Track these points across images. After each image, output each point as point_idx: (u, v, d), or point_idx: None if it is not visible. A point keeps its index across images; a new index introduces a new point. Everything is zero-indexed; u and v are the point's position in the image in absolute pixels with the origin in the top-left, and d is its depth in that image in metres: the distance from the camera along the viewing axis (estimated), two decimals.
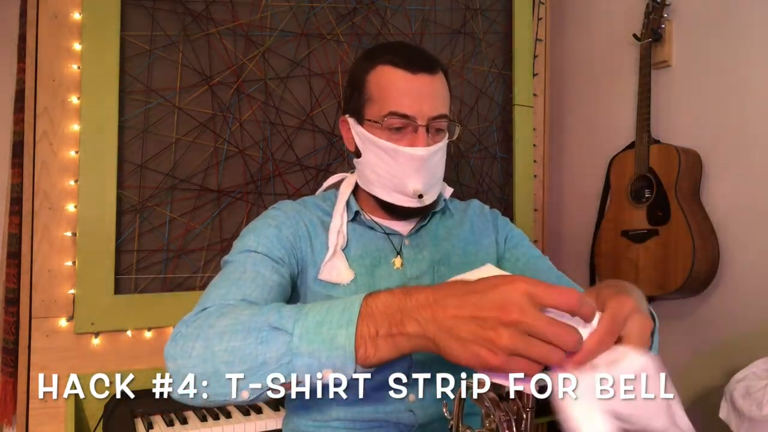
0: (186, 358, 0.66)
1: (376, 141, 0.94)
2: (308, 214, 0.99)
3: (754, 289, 1.65)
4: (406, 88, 0.92)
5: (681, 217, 1.71)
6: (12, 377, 1.50)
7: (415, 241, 1.02)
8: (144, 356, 1.56)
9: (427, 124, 0.92)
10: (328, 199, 1.04)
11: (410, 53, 0.95)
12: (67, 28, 1.51)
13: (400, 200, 0.95)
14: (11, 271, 1.52)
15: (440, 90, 0.95)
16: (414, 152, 0.92)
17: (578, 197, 2.24)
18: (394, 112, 0.91)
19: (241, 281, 0.81)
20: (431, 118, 0.92)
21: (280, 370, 0.60)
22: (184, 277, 1.62)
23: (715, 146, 1.76)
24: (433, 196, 0.98)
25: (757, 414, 1.24)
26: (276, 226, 0.95)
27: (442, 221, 1.07)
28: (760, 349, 1.49)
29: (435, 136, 0.94)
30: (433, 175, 0.96)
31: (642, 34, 1.87)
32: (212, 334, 0.65)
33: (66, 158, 1.51)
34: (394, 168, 0.93)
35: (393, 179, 0.94)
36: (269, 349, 0.61)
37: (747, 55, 1.69)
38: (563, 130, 2.32)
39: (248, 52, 1.70)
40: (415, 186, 0.93)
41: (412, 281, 0.98)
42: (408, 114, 0.91)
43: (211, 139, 1.66)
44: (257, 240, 0.92)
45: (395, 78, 0.92)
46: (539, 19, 2.17)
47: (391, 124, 0.92)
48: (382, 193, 0.97)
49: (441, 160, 0.97)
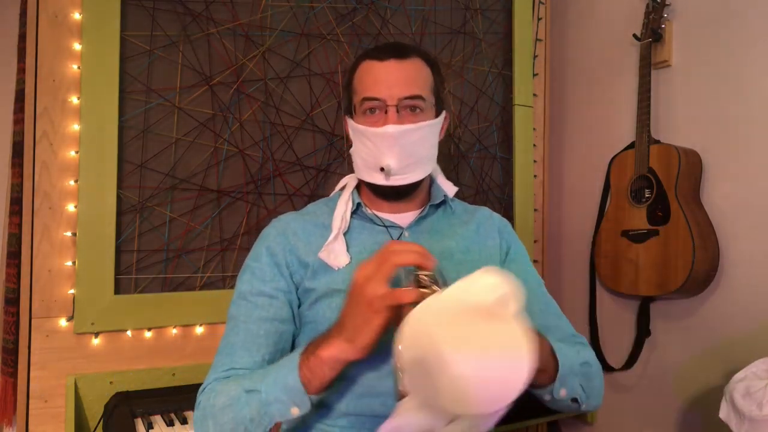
0: None
1: (356, 127, 1.01)
2: (301, 222, 1.05)
3: (754, 289, 1.65)
4: (376, 74, 0.99)
5: (681, 217, 1.71)
6: (12, 377, 1.50)
7: (414, 234, 1.04)
8: (144, 356, 1.56)
9: (397, 104, 0.97)
10: (333, 201, 1.09)
11: (384, 45, 1.04)
12: (67, 28, 1.51)
13: (374, 178, 1.00)
14: (11, 271, 1.52)
15: (412, 72, 0.99)
16: (384, 131, 0.97)
17: (578, 197, 2.24)
18: (366, 97, 0.99)
19: (233, 348, 0.96)
20: (401, 98, 0.97)
21: (264, 420, 0.83)
22: (184, 277, 1.62)
23: (715, 146, 1.76)
24: (411, 177, 1.00)
25: (757, 414, 1.24)
26: (267, 247, 1.02)
27: (444, 217, 1.09)
28: (760, 349, 1.49)
29: (411, 115, 0.98)
30: (410, 154, 0.98)
31: (642, 34, 1.87)
32: (216, 412, 0.87)
33: (66, 158, 1.51)
34: (371, 149, 0.99)
35: (371, 159, 0.99)
36: (251, 408, 0.84)
37: (747, 55, 1.69)
38: (563, 130, 2.32)
39: (248, 52, 1.70)
40: (385, 162, 0.97)
41: (411, 274, 0.99)
42: (377, 96, 0.97)
43: (211, 139, 1.66)
44: (251, 280, 1.00)
45: (368, 68, 1.00)
46: (539, 19, 2.17)
47: (365, 108, 0.99)
48: (365, 175, 1.02)
49: (421, 140, 1.00)
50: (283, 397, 0.82)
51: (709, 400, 1.73)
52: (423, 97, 0.99)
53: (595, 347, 2.09)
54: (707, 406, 1.74)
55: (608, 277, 1.95)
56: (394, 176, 0.99)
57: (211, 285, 1.65)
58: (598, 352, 2.08)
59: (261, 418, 0.83)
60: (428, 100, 1.01)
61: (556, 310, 1.07)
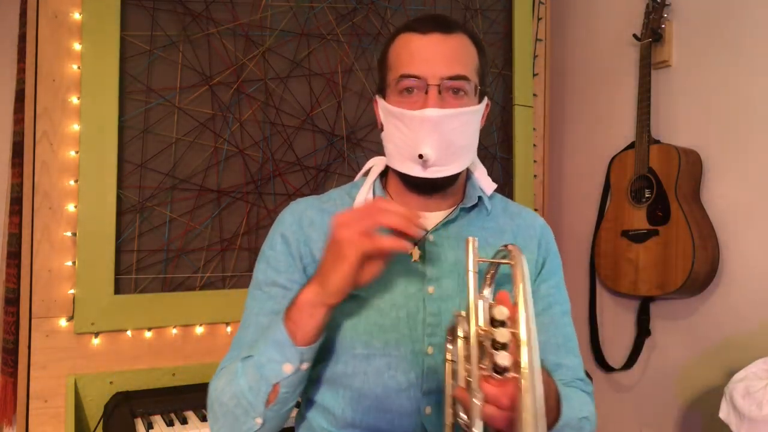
0: (215, 422, 0.86)
1: (391, 109, 0.89)
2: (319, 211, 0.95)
3: (754, 289, 1.65)
4: (417, 49, 0.88)
5: (681, 217, 1.71)
6: (12, 377, 1.50)
7: (439, 239, 0.92)
8: (144, 356, 1.56)
9: (439, 85, 0.86)
10: (356, 187, 0.99)
11: (427, 17, 0.91)
12: (67, 28, 1.51)
13: (409, 168, 0.89)
14: (11, 271, 1.52)
15: (457, 49, 0.88)
16: (423, 114, 0.85)
17: (578, 197, 2.24)
18: (404, 74, 0.87)
19: (242, 342, 0.90)
20: (445, 77, 0.86)
21: (261, 386, 0.80)
22: (184, 277, 1.62)
23: (715, 146, 1.76)
24: (450, 169, 0.89)
25: (757, 414, 1.25)
26: (282, 235, 0.94)
27: (477, 221, 0.96)
28: (760, 349, 1.50)
29: (453, 98, 0.87)
30: (450, 143, 0.87)
31: (642, 34, 1.87)
32: (218, 394, 0.85)
33: (66, 158, 1.51)
34: (407, 135, 0.88)
35: (406, 147, 0.88)
36: (248, 376, 0.81)
37: (747, 55, 1.69)
38: (563, 130, 2.32)
39: (248, 52, 1.70)
40: (423, 150, 0.86)
41: (432, 283, 0.90)
42: (417, 74, 0.86)
43: (211, 139, 1.66)
44: (266, 270, 0.93)
45: (408, 41, 0.89)
46: (539, 19, 2.17)
47: (402, 87, 0.88)
48: (397, 163, 0.91)
49: (463, 127, 0.89)
50: (275, 355, 0.79)
51: (709, 400, 1.73)
52: (468, 78, 0.88)
53: (595, 347, 2.09)
54: (707, 406, 1.74)
55: (608, 277, 1.95)
56: (431, 167, 0.88)
57: (211, 285, 1.65)
58: (598, 352, 2.08)
59: (258, 384, 0.80)
60: (473, 82, 0.89)
61: (573, 347, 0.96)
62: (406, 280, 0.90)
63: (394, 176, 0.95)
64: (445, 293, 0.89)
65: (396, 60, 0.90)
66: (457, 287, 0.90)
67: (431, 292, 0.89)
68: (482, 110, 0.93)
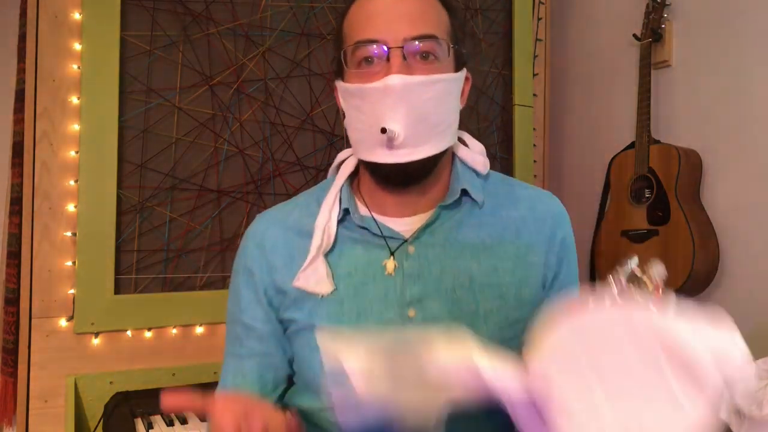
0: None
1: (348, 88, 0.75)
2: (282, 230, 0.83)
3: (754, 290, 1.65)
4: (373, 10, 0.73)
5: (681, 217, 1.71)
6: (12, 377, 1.50)
7: (421, 249, 0.77)
8: (144, 356, 1.56)
9: (402, 47, 0.71)
10: (327, 187, 0.84)
11: None
12: (67, 28, 1.51)
13: (375, 155, 0.74)
14: (11, 271, 1.52)
15: (421, 6, 0.74)
16: (384, 83, 0.70)
17: (578, 197, 2.24)
18: (359, 40, 0.73)
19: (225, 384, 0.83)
20: (408, 38, 0.71)
21: None
22: (184, 277, 1.62)
23: (715, 146, 1.76)
24: (423, 151, 0.73)
25: (757, 414, 1.24)
26: (245, 266, 0.83)
27: (470, 218, 0.79)
28: (760, 349, 1.49)
29: (422, 64, 0.73)
30: (420, 117, 0.71)
31: (642, 34, 1.87)
32: None
33: (66, 158, 1.51)
34: (368, 115, 0.73)
35: (369, 129, 0.73)
36: None
37: (747, 55, 1.69)
38: (563, 130, 2.32)
39: (248, 52, 1.70)
40: (392, 126, 0.70)
41: (413, 305, 0.75)
42: (374, 37, 0.72)
43: (211, 139, 1.66)
44: (230, 303, 0.85)
45: (361, 5, 0.75)
46: (539, 19, 2.17)
47: (359, 58, 0.73)
48: (363, 152, 0.76)
49: (437, 99, 0.73)
50: None
51: None
52: (437, 38, 0.73)
53: None
54: None
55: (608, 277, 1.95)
56: (399, 149, 0.71)
57: (211, 285, 1.65)
58: None
59: None
60: (444, 43, 0.74)
61: None
62: (382, 303, 0.75)
63: (365, 172, 0.81)
64: (430, 315, 0.75)
65: (349, 28, 0.76)
66: (445, 308, 0.75)
67: (412, 316, 0.75)
68: (461, 81, 0.78)
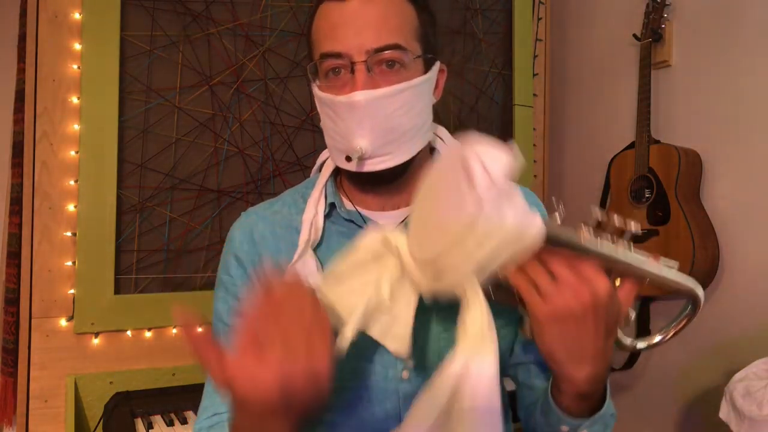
0: None
1: (320, 95, 0.76)
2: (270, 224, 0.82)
3: (754, 289, 1.65)
4: (336, 20, 0.73)
5: (681, 217, 1.71)
6: (12, 377, 1.50)
7: None
8: (144, 356, 1.56)
9: (366, 60, 0.71)
10: (311, 185, 0.85)
11: None
12: (67, 28, 1.51)
13: (348, 164, 0.75)
14: (11, 271, 1.52)
15: (384, 13, 0.72)
16: (350, 99, 0.71)
17: (578, 197, 2.24)
18: (324, 53, 0.73)
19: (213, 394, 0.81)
20: (372, 50, 0.71)
21: None
22: (184, 277, 1.62)
23: (715, 146, 1.76)
24: (391, 159, 0.74)
25: (757, 414, 1.24)
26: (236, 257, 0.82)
27: None
28: (760, 349, 1.49)
29: (388, 73, 0.72)
30: (389, 130, 0.72)
31: (642, 34, 1.87)
32: None
33: (66, 158, 1.51)
34: (338, 125, 0.74)
35: (342, 140, 0.74)
36: None
37: (747, 54, 1.69)
38: (563, 130, 2.32)
39: (248, 52, 1.70)
40: (356, 145, 0.72)
41: None
42: (338, 50, 0.72)
43: (211, 139, 1.66)
44: (225, 297, 0.82)
45: (326, 12, 0.74)
46: (539, 19, 2.17)
47: (326, 69, 0.74)
48: (335, 157, 0.78)
49: (404, 108, 0.73)
50: None
51: (709, 400, 1.73)
52: (402, 47, 0.72)
53: None
54: (707, 406, 1.74)
55: None
56: (367, 160, 0.73)
57: (211, 285, 1.64)
58: None
59: None
60: (412, 50, 0.73)
61: None
62: None
63: (345, 174, 0.82)
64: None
65: (317, 36, 0.76)
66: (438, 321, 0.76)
67: None
68: (432, 78, 0.78)
